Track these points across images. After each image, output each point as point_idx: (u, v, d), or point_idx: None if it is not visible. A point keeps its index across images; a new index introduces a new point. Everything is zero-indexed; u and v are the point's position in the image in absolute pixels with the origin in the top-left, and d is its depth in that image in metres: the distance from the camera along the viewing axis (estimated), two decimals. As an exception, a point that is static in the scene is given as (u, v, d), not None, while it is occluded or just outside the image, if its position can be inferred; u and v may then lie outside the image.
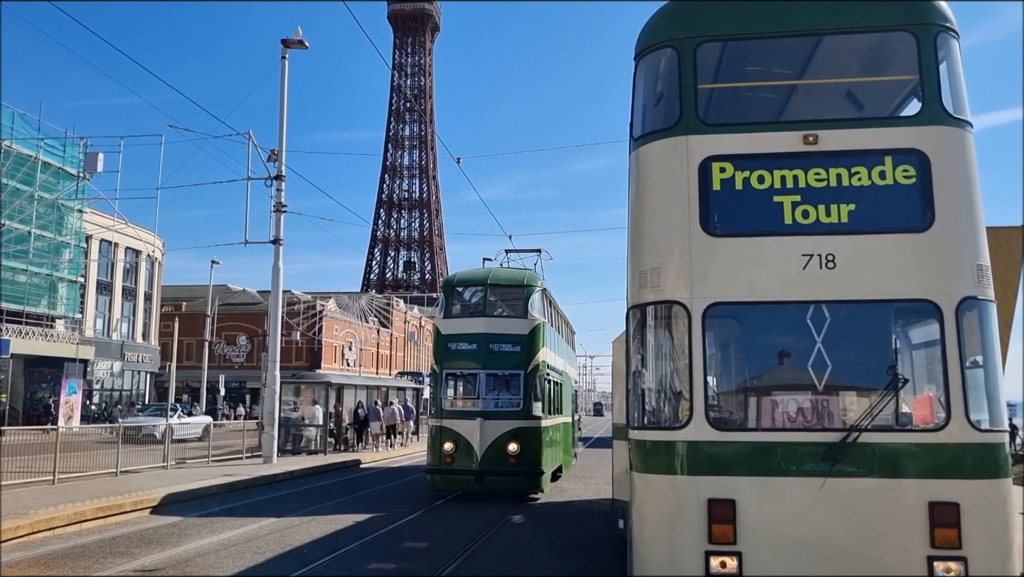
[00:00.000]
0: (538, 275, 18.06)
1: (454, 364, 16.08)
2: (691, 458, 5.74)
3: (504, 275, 17.74)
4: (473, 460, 15.11)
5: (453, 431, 15.35)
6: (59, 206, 38.45)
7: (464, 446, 15.21)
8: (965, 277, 5.72)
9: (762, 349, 6.35)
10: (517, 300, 16.72)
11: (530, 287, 16.74)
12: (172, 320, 46.17)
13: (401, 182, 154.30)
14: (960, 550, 5.31)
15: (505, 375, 15.91)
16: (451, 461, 15.30)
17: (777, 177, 5.95)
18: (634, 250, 6.42)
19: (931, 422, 5.78)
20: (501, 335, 15.94)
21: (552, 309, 18.92)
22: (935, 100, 5.91)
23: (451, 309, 16.72)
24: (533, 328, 16.14)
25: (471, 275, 18.50)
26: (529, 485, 15.65)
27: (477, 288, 17.18)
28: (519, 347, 15.81)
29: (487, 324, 16.13)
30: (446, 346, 16.13)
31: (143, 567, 9.39)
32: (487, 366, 15.78)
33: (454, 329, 16.29)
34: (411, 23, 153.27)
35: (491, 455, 15.08)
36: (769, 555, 5.50)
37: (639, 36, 6.63)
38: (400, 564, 9.79)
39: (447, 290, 17.19)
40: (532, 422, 15.53)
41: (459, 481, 15.53)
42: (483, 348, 15.81)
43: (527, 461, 15.28)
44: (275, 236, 23.27)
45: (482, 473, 15.13)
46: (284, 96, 23.71)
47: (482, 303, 16.58)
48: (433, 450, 15.67)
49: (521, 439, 15.22)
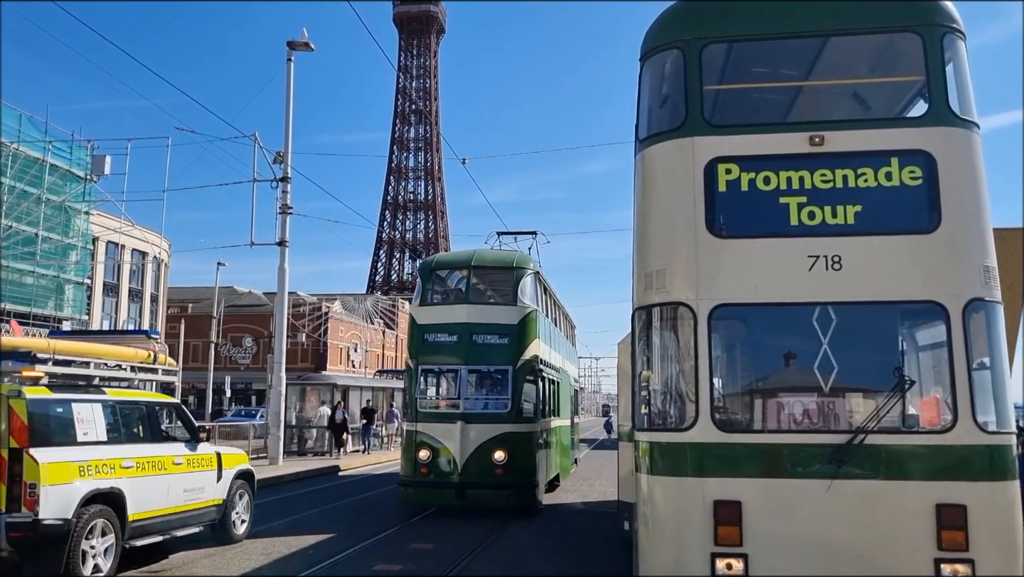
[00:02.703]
0: (531, 257, 15.99)
1: (431, 359, 14.11)
2: (697, 460, 5.73)
3: (491, 256, 15.75)
4: (453, 471, 13.10)
5: (429, 437, 13.39)
6: (66, 208, 38.55)
7: (442, 454, 13.23)
8: (972, 278, 5.71)
9: (768, 350, 6.34)
10: (506, 285, 14.68)
11: (520, 269, 14.63)
12: (178, 322, 46.36)
13: (406, 184, 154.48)
14: (967, 552, 5.29)
15: (491, 371, 13.98)
16: (427, 472, 13.26)
17: (783, 178, 5.95)
18: (640, 252, 6.42)
19: (938, 424, 5.76)
20: (486, 325, 13.95)
21: (548, 297, 16.86)
22: (942, 101, 5.89)
23: (429, 296, 14.66)
24: (524, 317, 14.14)
25: (452, 257, 16.84)
26: (519, 500, 13.56)
27: (459, 271, 15.06)
28: (507, 339, 13.82)
29: (470, 312, 14.09)
30: (422, 338, 14.13)
31: (149, 569, 9.41)
32: (470, 361, 13.76)
33: (432, 318, 14.26)
34: (416, 25, 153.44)
35: (474, 465, 13.07)
36: (775, 557, 5.49)
37: (644, 37, 6.63)
38: (406, 565, 9.80)
39: (424, 274, 15.06)
40: (522, 426, 13.61)
41: (436, 495, 13.51)
42: (465, 340, 13.81)
43: (516, 472, 13.31)
44: (281, 238, 23.33)
45: (463, 486, 13.09)
46: (290, 98, 23.78)
47: (465, 288, 14.56)
48: (407, 459, 13.73)
49: (509, 446, 13.21)
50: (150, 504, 9.19)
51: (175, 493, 9.67)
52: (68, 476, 8.04)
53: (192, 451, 10.20)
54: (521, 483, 13.46)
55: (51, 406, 8.42)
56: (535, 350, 14.30)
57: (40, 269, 37.32)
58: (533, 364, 14.18)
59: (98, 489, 8.34)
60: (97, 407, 8.90)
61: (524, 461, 13.52)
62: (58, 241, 38.43)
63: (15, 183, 35.15)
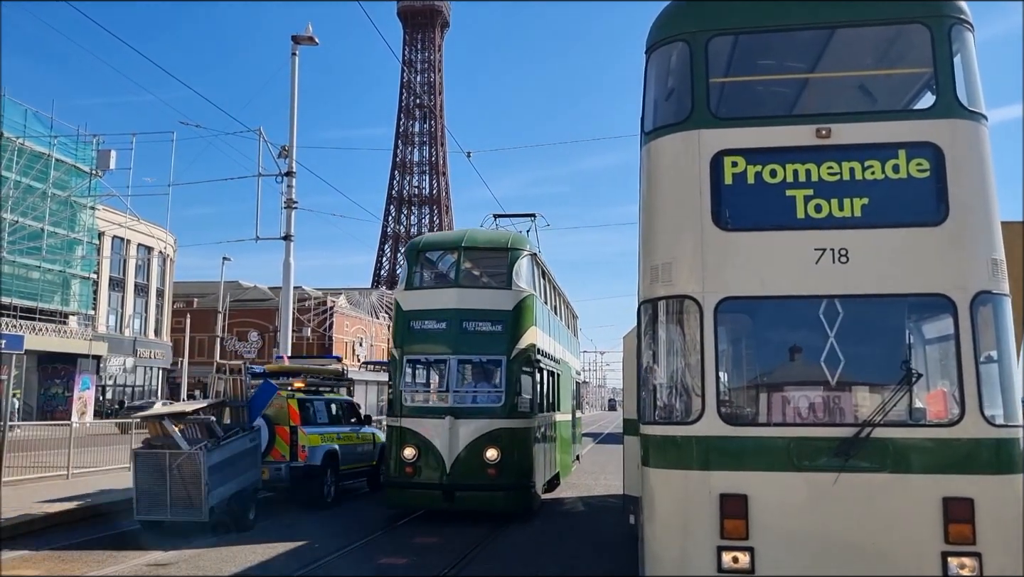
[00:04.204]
0: (527, 238, 14.91)
1: (418, 348, 13.01)
2: (703, 453, 5.72)
3: (483, 236, 14.67)
4: (441, 471, 12.12)
5: (416, 434, 12.36)
6: (72, 203, 38.68)
7: (429, 453, 12.22)
8: (980, 271, 5.68)
9: (774, 344, 6.33)
10: (499, 267, 13.66)
11: (516, 251, 13.49)
12: (184, 316, 46.46)
13: (411, 178, 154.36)
14: (974, 546, 5.28)
15: (483, 362, 13.06)
16: (413, 472, 12.27)
17: (789, 171, 5.92)
18: (645, 245, 6.40)
19: (945, 417, 5.74)
20: (478, 311, 12.86)
21: (546, 282, 15.80)
22: (949, 93, 5.86)
23: (415, 279, 13.54)
24: (519, 302, 13.02)
25: (442, 237, 15.80)
26: (513, 502, 12.52)
27: (449, 253, 13.95)
28: (501, 326, 12.74)
29: (460, 297, 12.99)
30: (408, 325, 13.04)
31: (156, 561, 9.45)
32: (460, 350, 12.73)
33: (419, 304, 13.17)
34: (421, 19, 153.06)
35: (464, 464, 12.08)
36: (782, 550, 5.49)
37: (650, 30, 6.60)
38: (411, 559, 9.82)
39: (411, 256, 13.81)
40: (517, 421, 12.56)
41: (422, 498, 12.46)
42: (455, 327, 12.73)
43: (510, 472, 12.29)
44: (286, 232, 23.35)
45: (452, 487, 12.13)
46: (295, 93, 23.76)
47: (455, 271, 13.45)
48: (391, 457, 12.74)
49: (503, 443, 12.19)
50: (347, 460, 15.13)
51: (357, 455, 15.78)
52: (317, 441, 14.08)
53: (361, 429, 16.32)
54: (515, 484, 12.46)
55: (305, 402, 14.43)
56: (532, 338, 13.28)
57: (46, 264, 37.46)
58: (529, 354, 13.12)
59: (328, 449, 14.31)
60: (321, 403, 15.18)
61: (519, 460, 12.54)
62: (64, 236, 38.56)
63: (21, 178, 35.24)
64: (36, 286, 37.25)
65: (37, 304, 37.11)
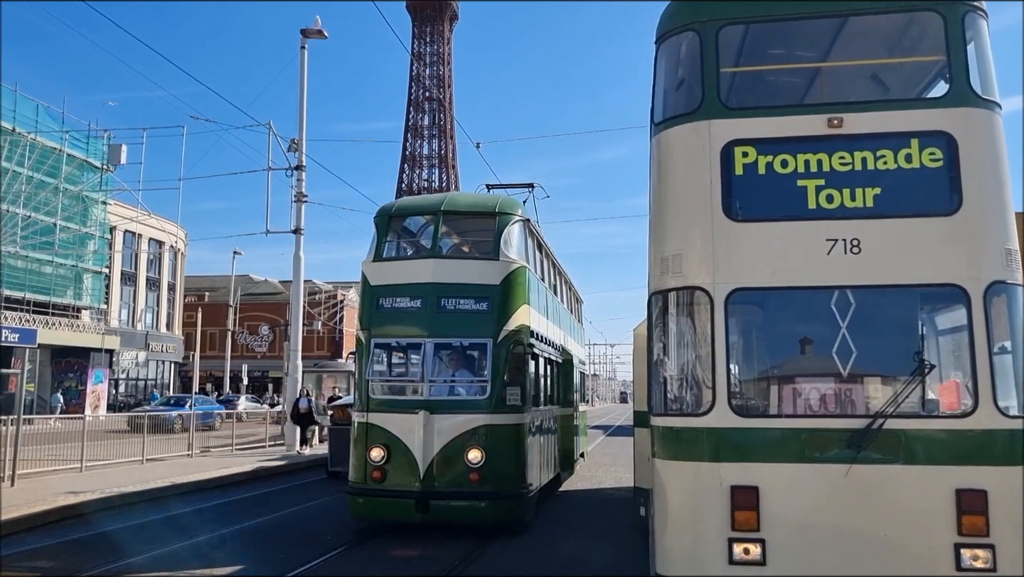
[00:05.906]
0: (519, 202, 12.67)
1: (387, 330, 10.92)
2: (714, 445, 5.70)
3: (465, 200, 12.81)
4: (414, 476, 10.11)
5: (384, 431, 10.39)
6: (84, 198, 38.90)
7: (400, 454, 10.25)
8: (993, 261, 5.62)
9: (785, 335, 6.29)
10: (485, 235, 11.61)
11: (505, 215, 11.48)
12: (195, 310, 46.62)
13: (420, 171, 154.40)
14: (988, 537, 5.25)
15: (464, 346, 10.92)
16: (380, 477, 10.30)
17: (801, 161, 5.88)
18: (656, 236, 6.38)
19: (958, 408, 5.70)
20: (459, 285, 10.84)
21: (542, 255, 13.63)
22: (963, 81, 5.79)
23: (385, 248, 11.50)
24: (509, 275, 10.96)
25: (418, 201, 13.50)
26: (499, 514, 10.46)
27: (425, 218, 12.09)
28: (486, 303, 10.72)
29: (438, 269, 10.95)
30: (376, 303, 10.99)
31: (162, 556, 9.51)
32: (437, 332, 10.64)
33: (389, 278, 11.11)
34: (429, 12, 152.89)
35: (441, 468, 10.17)
36: (793, 542, 5.47)
37: (660, 20, 6.56)
38: (424, 549, 9.83)
39: (380, 222, 11.65)
40: (506, 417, 10.54)
41: (391, 508, 10.35)
42: (431, 305, 10.70)
43: (497, 477, 10.29)
44: (296, 226, 23.44)
45: (427, 495, 10.09)
46: (304, 86, 23.84)
47: (432, 240, 11.40)
48: (356, 459, 10.63)
49: (488, 443, 10.25)
50: None
51: None
52: None
53: None
54: (503, 492, 10.40)
55: None
56: (523, 319, 11.17)
57: (59, 259, 37.72)
58: (520, 336, 11.01)
59: None
60: None
61: (507, 463, 10.53)
62: (76, 230, 38.79)
63: (33, 173, 35.46)
64: (49, 280, 37.54)
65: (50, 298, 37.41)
